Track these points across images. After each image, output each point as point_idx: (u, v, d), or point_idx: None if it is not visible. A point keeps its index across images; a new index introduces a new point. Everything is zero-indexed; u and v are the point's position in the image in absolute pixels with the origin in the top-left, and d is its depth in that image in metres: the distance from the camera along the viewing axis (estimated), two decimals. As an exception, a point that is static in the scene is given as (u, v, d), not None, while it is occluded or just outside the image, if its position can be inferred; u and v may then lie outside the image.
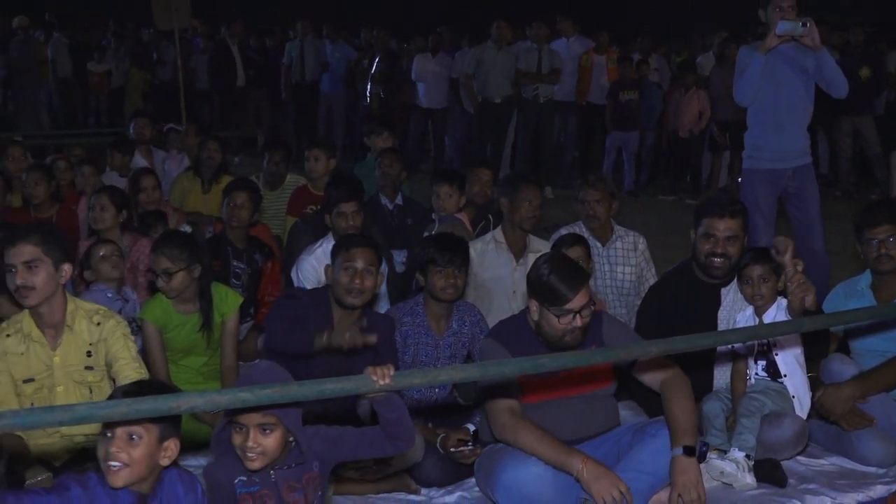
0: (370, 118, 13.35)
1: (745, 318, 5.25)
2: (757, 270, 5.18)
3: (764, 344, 5.14)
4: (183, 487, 3.48)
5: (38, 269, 4.39)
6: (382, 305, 6.43)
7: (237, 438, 3.50)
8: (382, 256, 5.35)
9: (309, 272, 6.41)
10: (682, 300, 5.50)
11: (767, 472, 4.90)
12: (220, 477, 3.59)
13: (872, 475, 5.06)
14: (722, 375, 5.41)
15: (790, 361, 5.13)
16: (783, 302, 5.12)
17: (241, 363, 5.84)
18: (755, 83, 6.98)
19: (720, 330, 5.33)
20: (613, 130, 13.94)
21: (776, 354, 5.12)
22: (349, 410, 5.11)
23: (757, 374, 5.18)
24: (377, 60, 15.58)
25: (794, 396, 5.11)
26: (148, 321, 5.48)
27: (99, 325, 4.56)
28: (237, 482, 3.58)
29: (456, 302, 5.49)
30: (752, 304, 5.23)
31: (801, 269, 5.01)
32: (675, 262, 6.11)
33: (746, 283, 5.22)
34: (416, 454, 4.90)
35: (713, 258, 5.39)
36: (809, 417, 5.20)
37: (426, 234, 6.76)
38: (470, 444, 5.01)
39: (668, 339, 4.26)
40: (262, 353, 5.93)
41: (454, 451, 5.00)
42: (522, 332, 4.64)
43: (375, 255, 5.06)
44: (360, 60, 16.42)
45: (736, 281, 5.38)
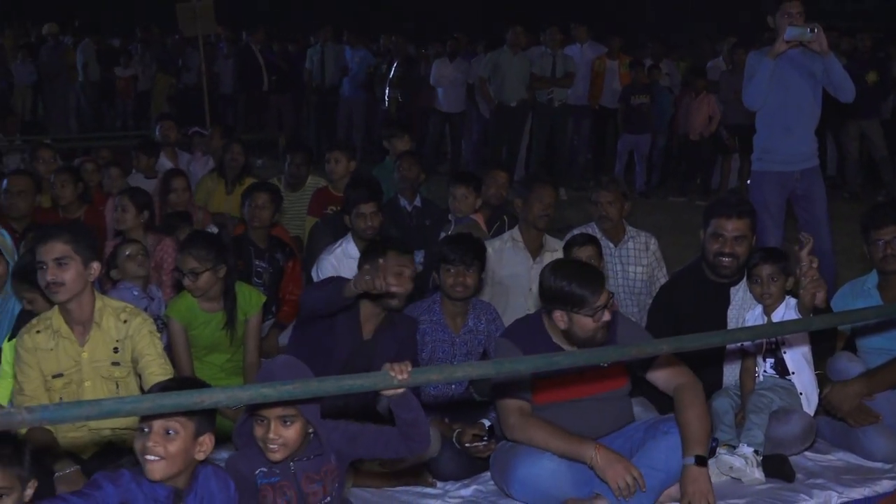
0: (389, 122, 13.36)
1: (753, 316, 5.23)
2: (766, 270, 5.16)
3: (772, 342, 5.13)
4: (217, 484, 3.51)
5: (67, 266, 4.39)
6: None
7: (259, 430, 3.52)
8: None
9: (328, 271, 6.40)
10: (692, 299, 5.49)
11: (776, 467, 4.89)
12: (241, 468, 3.62)
13: (878, 470, 5.06)
14: (731, 372, 5.39)
15: (798, 359, 5.11)
16: (791, 301, 5.11)
17: (262, 360, 5.84)
18: (764, 87, 6.96)
19: (730, 328, 5.32)
20: (625, 133, 13.94)
21: (784, 352, 5.11)
22: (369, 406, 5.12)
23: (765, 371, 5.17)
24: (395, 65, 15.61)
25: (801, 393, 5.09)
26: (173, 319, 5.49)
27: (126, 322, 4.57)
28: (258, 473, 3.60)
29: (470, 300, 5.49)
30: (761, 302, 5.21)
31: (815, 265, 5.00)
32: (685, 262, 6.10)
33: (756, 282, 5.21)
34: (432, 449, 4.90)
35: (721, 258, 5.38)
36: (817, 414, 5.19)
37: (443, 234, 6.77)
38: (485, 438, 5.01)
39: (678, 337, 4.27)
40: (283, 349, 5.96)
41: (469, 445, 5.00)
42: (536, 332, 4.62)
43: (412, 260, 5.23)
44: (378, 65, 16.45)
45: (745, 280, 5.37)
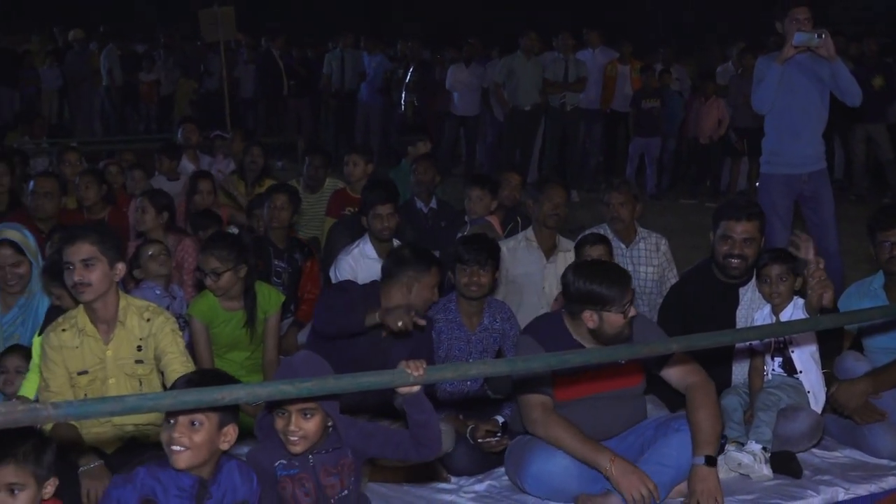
0: (405, 126, 13.36)
1: (762, 316, 5.22)
2: (775, 270, 5.15)
3: (780, 341, 5.12)
4: (240, 477, 3.53)
5: (94, 267, 4.40)
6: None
7: (279, 423, 3.53)
8: None
9: (346, 271, 6.42)
10: (702, 299, 5.48)
11: (783, 463, 4.88)
12: (261, 460, 3.63)
13: (884, 467, 5.03)
14: (740, 371, 5.38)
15: (805, 358, 5.10)
16: (799, 301, 5.09)
17: (281, 357, 5.85)
18: (772, 91, 6.94)
19: (739, 328, 5.30)
20: (636, 137, 13.92)
21: (792, 351, 5.10)
22: (386, 402, 5.12)
23: (774, 370, 5.16)
24: (411, 70, 15.60)
25: (809, 392, 5.08)
26: (195, 317, 5.51)
27: (149, 321, 4.58)
28: (277, 465, 3.61)
29: (485, 299, 5.49)
30: (769, 302, 5.20)
31: (822, 266, 4.99)
32: (695, 262, 6.08)
33: (765, 281, 5.19)
34: (447, 444, 4.90)
35: (731, 259, 5.37)
36: (824, 412, 5.17)
37: (459, 235, 6.77)
38: (498, 435, 5.01)
39: (688, 335, 4.25)
40: (302, 346, 5.97)
41: (483, 441, 4.99)
42: (557, 329, 4.60)
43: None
44: (395, 70, 16.46)
45: (754, 280, 5.36)
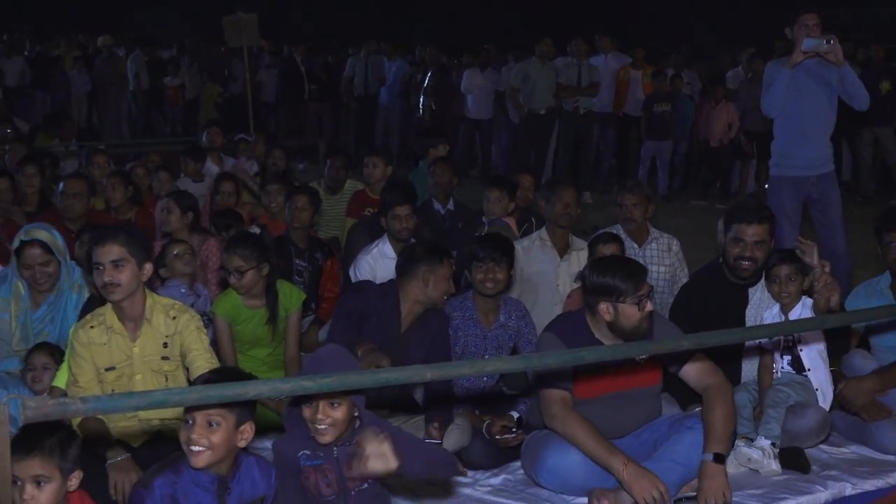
0: (424, 129, 13.37)
1: (771, 315, 5.20)
2: (784, 270, 5.14)
3: (790, 340, 5.10)
4: (259, 473, 3.54)
5: (123, 267, 4.40)
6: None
7: (308, 412, 3.52)
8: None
9: (365, 270, 6.43)
10: (712, 299, 5.46)
11: (792, 459, 4.86)
12: (286, 450, 3.63)
13: (891, 463, 5.02)
14: (749, 369, 5.37)
15: (814, 357, 5.08)
16: (808, 301, 5.08)
17: (302, 354, 5.86)
18: (781, 96, 6.93)
19: (749, 326, 5.28)
20: (648, 140, 13.92)
21: (801, 350, 5.08)
22: (405, 396, 5.13)
23: (783, 368, 5.14)
24: (429, 75, 15.61)
25: (817, 389, 5.06)
26: (218, 315, 5.52)
27: (174, 318, 4.59)
28: (300, 455, 3.60)
29: (500, 296, 5.48)
30: (778, 301, 5.19)
31: (828, 269, 4.97)
32: (705, 263, 6.06)
33: (774, 281, 5.18)
34: (464, 439, 4.91)
35: (742, 261, 5.36)
36: (831, 409, 5.15)
37: (476, 235, 6.76)
38: (514, 430, 4.99)
39: (699, 333, 4.23)
40: (322, 343, 5.97)
41: (499, 437, 4.99)
42: (579, 327, 4.59)
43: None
44: (413, 75, 16.47)
45: (763, 280, 5.34)
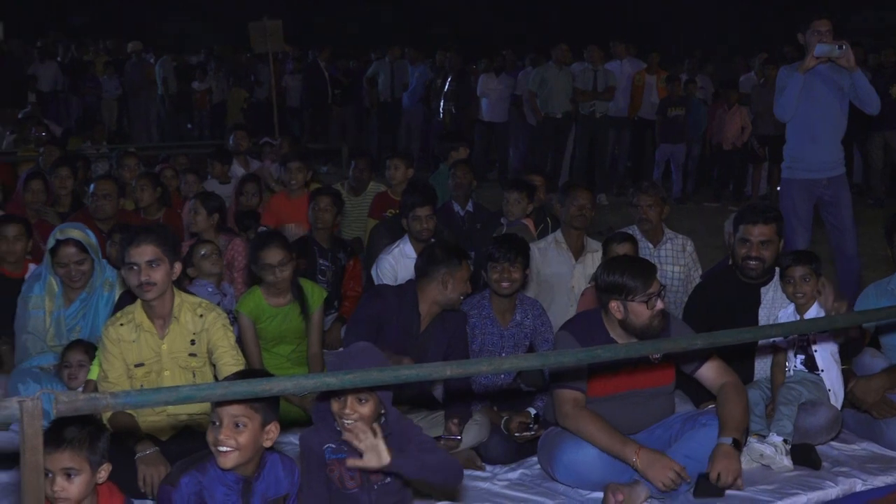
0: (445, 132, 13.39)
1: (786, 314, 5.19)
2: (799, 271, 5.11)
3: (804, 339, 5.08)
4: (283, 470, 3.55)
5: (158, 267, 4.42)
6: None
7: (336, 406, 3.51)
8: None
9: (387, 270, 6.44)
10: (724, 299, 5.45)
11: (803, 455, 4.83)
12: (312, 442, 3.63)
13: (901, 460, 4.99)
14: (762, 367, 5.35)
15: (827, 358, 5.06)
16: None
17: (325, 351, 5.88)
18: (794, 100, 6.89)
19: (761, 325, 5.26)
20: (662, 143, 13.90)
21: (815, 350, 5.05)
22: (424, 393, 5.13)
23: (796, 366, 5.11)
24: (449, 80, 15.61)
25: (829, 389, 5.04)
26: (243, 313, 5.52)
27: (202, 316, 4.60)
28: (326, 448, 3.59)
29: (517, 296, 5.47)
30: (793, 302, 5.17)
31: (844, 311, 5.00)
32: (716, 263, 6.05)
33: (789, 282, 5.16)
34: (482, 435, 4.91)
35: (749, 261, 5.37)
36: (842, 407, 5.12)
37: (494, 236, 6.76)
38: (531, 426, 4.98)
39: (713, 332, 4.22)
40: (343, 342, 5.98)
41: (517, 434, 4.98)
42: (594, 327, 4.58)
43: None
44: (434, 80, 16.48)
45: (776, 280, 5.33)
